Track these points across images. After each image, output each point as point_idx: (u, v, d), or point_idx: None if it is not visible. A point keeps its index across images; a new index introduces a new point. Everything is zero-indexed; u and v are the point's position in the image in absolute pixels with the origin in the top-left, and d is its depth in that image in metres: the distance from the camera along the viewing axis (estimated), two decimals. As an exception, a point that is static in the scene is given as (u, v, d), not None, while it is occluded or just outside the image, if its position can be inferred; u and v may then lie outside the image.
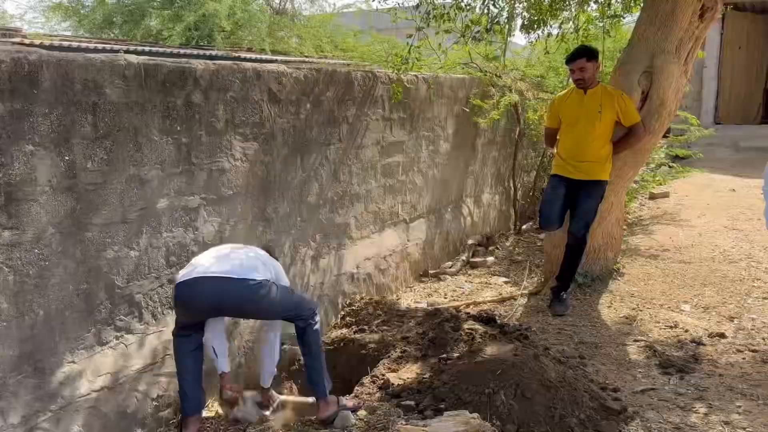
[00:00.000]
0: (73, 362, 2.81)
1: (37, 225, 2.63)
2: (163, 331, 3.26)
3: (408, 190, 5.57)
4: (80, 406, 2.81)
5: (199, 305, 2.86)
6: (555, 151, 4.78)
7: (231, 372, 3.61)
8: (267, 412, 3.28)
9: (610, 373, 3.61)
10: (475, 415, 2.42)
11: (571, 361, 3.67)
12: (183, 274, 2.88)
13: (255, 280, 2.86)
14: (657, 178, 7.74)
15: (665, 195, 8.18)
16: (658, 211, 7.55)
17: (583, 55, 4.33)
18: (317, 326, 3.06)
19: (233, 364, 3.71)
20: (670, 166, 8.39)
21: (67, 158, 2.73)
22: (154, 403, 3.19)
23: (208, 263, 2.89)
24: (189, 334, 2.93)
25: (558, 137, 4.73)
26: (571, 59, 4.34)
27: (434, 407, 3.01)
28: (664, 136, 7.42)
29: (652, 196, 8.15)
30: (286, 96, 4.00)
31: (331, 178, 4.52)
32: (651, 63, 4.54)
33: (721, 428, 2.97)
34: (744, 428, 2.96)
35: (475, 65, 7.00)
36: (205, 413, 3.34)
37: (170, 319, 3.29)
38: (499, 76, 7.08)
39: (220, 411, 3.49)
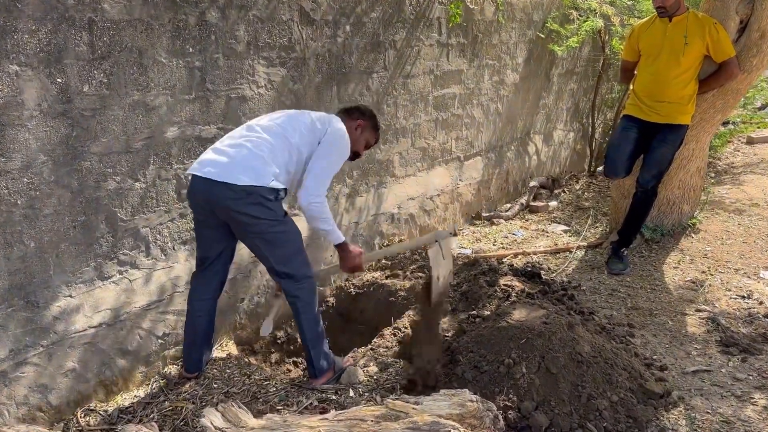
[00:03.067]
0: (70, 296, 2.70)
1: (25, 152, 2.47)
2: (173, 267, 3.11)
3: (464, 125, 5.12)
4: (75, 342, 2.72)
5: (196, 203, 2.67)
6: (631, 88, 4.19)
7: (249, 311, 3.48)
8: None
9: (661, 346, 3.19)
10: (475, 397, 2.12)
11: (617, 330, 3.28)
12: (192, 166, 2.67)
13: (236, 184, 2.51)
14: (758, 120, 6.87)
15: (766, 140, 7.27)
16: (755, 158, 6.73)
17: None
18: (311, 301, 2.75)
19: (251, 303, 3.55)
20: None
21: (59, 80, 2.52)
22: (160, 341, 3.08)
23: (207, 158, 2.63)
24: (205, 271, 2.76)
25: (636, 72, 4.13)
26: None
27: (446, 373, 2.73)
28: None
29: (750, 141, 7.28)
30: (322, 16, 3.62)
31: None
32: (755, -14, 3.81)
33: (781, 428, 2.54)
34: (810, 430, 2.52)
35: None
36: (216, 353, 3.24)
37: (181, 255, 3.14)
38: (585, -2, 6.33)
39: (235, 351, 3.38)
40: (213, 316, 2.86)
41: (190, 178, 2.66)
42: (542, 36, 5.83)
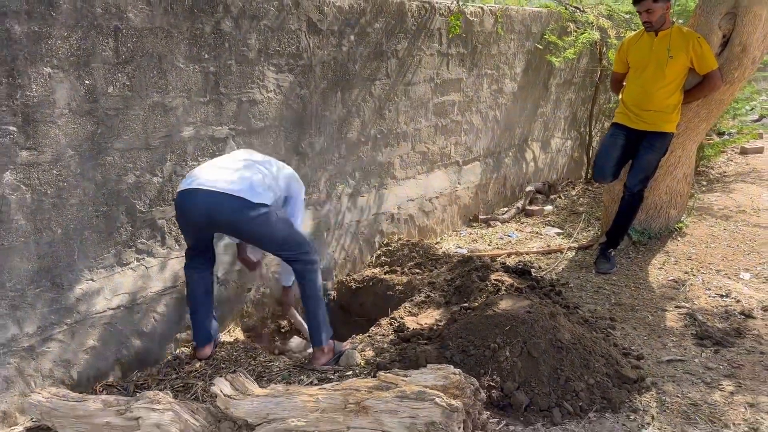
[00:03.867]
0: (92, 280, 2.95)
1: (55, 147, 2.72)
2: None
3: (463, 131, 5.37)
4: (96, 321, 2.96)
5: (195, 217, 2.86)
6: (620, 97, 4.42)
7: (255, 300, 3.71)
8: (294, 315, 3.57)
9: (639, 338, 3.41)
10: (458, 371, 2.35)
11: (599, 323, 3.50)
12: (183, 183, 2.89)
13: (251, 201, 2.79)
14: (752, 131, 7.09)
15: (759, 150, 7.49)
16: (746, 168, 6.94)
17: None
18: (316, 274, 3.03)
19: (257, 293, 3.79)
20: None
21: (87, 82, 2.78)
22: (172, 324, 3.32)
23: (208, 175, 2.86)
24: (198, 257, 3.01)
25: (624, 83, 4.37)
26: (636, 0, 3.93)
27: (436, 356, 2.96)
28: None
29: (744, 151, 7.50)
30: (328, 26, 3.88)
31: (375, 115, 4.41)
32: (735, 2, 4.03)
33: (744, 410, 2.74)
34: (770, 413, 2.73)
35: (554, -2, 6.53)
36: (223, 338, 3.47)
37: (194, 246, 3.38)
38: (583, 11, 6.58)
39: (241, 336, 3.61)
40: (211, 285, 3.13)
41: (190, 191, 2.85)
42: (540, 47, 6.08)
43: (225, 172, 2.87)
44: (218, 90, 3.33)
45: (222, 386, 2.32)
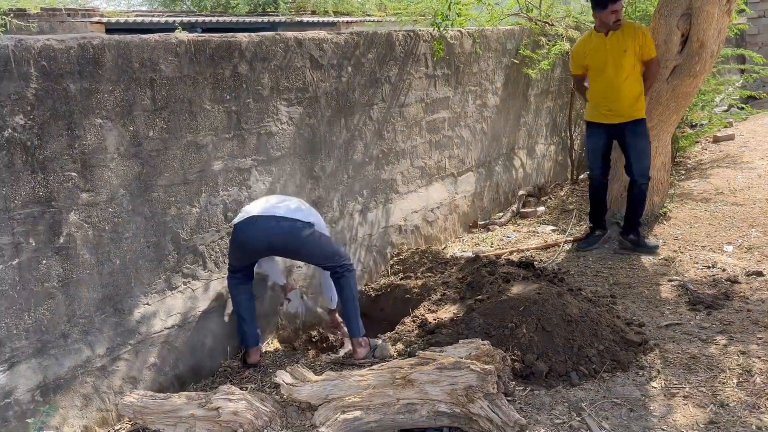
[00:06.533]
0: (148, 304, 3.29)
1: (109, 187, 3.08)
2: (225, 277, 3.70)
3: (455, 145, 5.78)
4: (155, 340, 3.30)
5: (253, 243, 3.34)
6: (587, 97, 4.85)
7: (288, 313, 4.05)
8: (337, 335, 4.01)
9: (639, 310, 3.79)
10: (486, 342, 2.71)
11: (601, 301, 3.87)
12: (239, 218, 3.39)
13: (301, 221, 3.34)
14: (721, 120, 7.57)
15: (730, 137, 7.98)
16: (720, 155, 7.41)
17: None
18: (352, 278, 3.47)
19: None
20: (740, 108, 8.16)
21: (131, 128, 3.15)
22: (220, 339, 3.65)
23: (258, 208, 3.39)
24: (240, 276, 3.40)
25: (587, 84, 4.78)
26: (613, 1, 4.29)
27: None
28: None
29: (716, 139, 7.98)
30: (328, 61, 4.29)
31: (376, 136, 4.81)
32: (690, 4, 4.51)
33: (737, 357, 3.12)
34: (760, 357, 3.10)
35: (524, 14, 7.01)
36: (264, 348, 3.80)
37: (230, 268, 3.74)
38: (552, 25, 7.07)
39: (279, 346, 3.95)
40: (253, 295, 3.56)
41: (248, 220, 3.35)
42: (516, 62, 6.54)
43: (273, 201, 3.43)
44: (240, 126, 3.72)
45: (283, 377, 2.67)
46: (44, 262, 2.84)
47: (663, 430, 2.63)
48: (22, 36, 2.76)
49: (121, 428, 2.92)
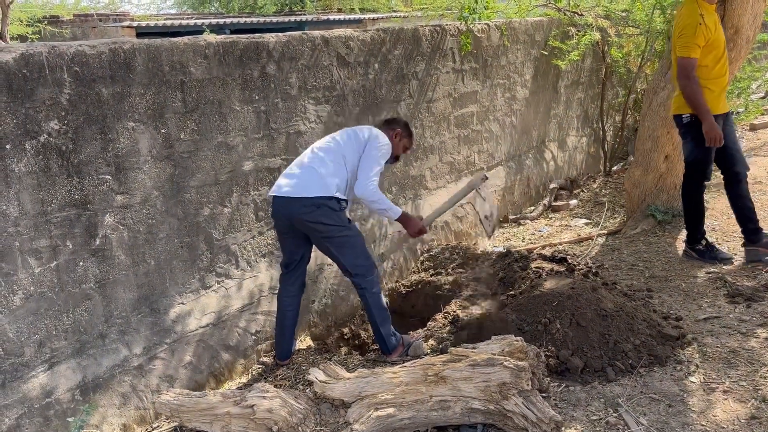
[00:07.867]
0: (183, 303, 3.34)
1: (143, 189, 3.13)
2: (257, 276, 3.74)
3: (484, 139, 5.74)
4: (190, 339, 3.35)
5: (279, 220, 3.27)
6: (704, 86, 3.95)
7: (320, 311, 4.06)
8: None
9: (676, 303, 3.71)
10: (519, 338, 2.68)
11: (637, 294, 3.80)
12: (271, 189, 3.28)
13: (306, 197, 3.12)
14: (758, 107, 7.36)
15: (767, 125, 7.75)
16: (758, 143, 7.21)
17: None
18: (376, 290, 3.30)
19: (320, 304, 4.16)
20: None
21: (163, 131, 3.20)
22: (253, 337, 3.69)
23: (282, 181, 3.24)
24: (289, 275, 3.36)
25: (706, 67, 3.97)
26: None
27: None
28: None
29: (753, 127, 7.77)
30: (355, 58, 4.29)
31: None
32: (725, -11, 4.37)
33: (779, 351, 3.04)
34: (804, 351, 3.01)
35: (552, 5, 6.92)
36: (297, 345, 3.83)
37: (263, 266, 3.77)
38: (581, 15, 6.96)
39: (312, 344, 3.97)
40: (298, 310, 3.46)
41: (271, 199, 3.29)
42: (545, 53, 6.47)
43: (295, 173, 3.23)
44: (269, 126, 3.74)
45: (316, 374, 2.68)
46: (81, 264, 2.90)
47: (703, 425, 2.57)
48: (56, 42, 2.81)
49: (158, 426, 2.98)
